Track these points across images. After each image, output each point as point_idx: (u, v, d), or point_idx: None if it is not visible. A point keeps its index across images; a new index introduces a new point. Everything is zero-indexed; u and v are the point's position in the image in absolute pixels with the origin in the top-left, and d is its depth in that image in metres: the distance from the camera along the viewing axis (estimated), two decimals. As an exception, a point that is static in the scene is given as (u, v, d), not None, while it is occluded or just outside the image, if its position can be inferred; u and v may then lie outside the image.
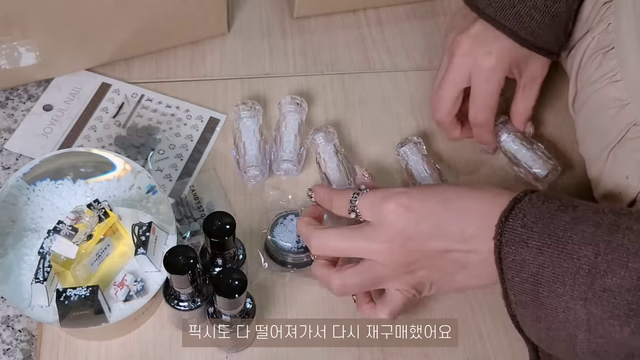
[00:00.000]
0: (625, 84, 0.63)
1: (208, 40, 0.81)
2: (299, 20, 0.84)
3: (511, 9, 0.65)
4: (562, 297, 0.48)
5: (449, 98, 0.69)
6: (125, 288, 0.58)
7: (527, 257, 0.50)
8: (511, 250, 0.50)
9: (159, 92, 0.76)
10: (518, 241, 0.50)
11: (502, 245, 0.51)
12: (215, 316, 0.57)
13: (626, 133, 0.62)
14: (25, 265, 0.59)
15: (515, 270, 0.50)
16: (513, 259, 0.50)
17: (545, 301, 0.49)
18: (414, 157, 0.70)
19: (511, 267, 0.50)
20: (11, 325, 0.62)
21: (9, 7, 0.66)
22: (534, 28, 0.66)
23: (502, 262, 0.51)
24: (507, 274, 0.51)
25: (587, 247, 0.48)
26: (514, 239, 0.50)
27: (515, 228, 0.50)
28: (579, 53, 0.69)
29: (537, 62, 0.69)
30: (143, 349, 0.61)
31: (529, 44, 0.66)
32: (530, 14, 0.65)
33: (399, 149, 0.71)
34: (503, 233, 0.51)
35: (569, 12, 0.67)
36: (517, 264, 0.50)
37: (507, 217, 0.51)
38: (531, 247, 0.49)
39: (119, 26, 0.73)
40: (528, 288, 0.50)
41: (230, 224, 0.56)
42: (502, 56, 0.67)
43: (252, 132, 0.70)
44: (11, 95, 0.75)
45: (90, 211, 0.58)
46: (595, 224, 0.49)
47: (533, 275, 0.49)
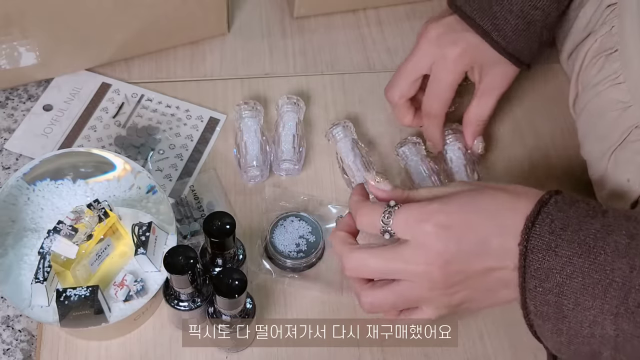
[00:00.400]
0: (628, 86, 0.63)
1: (208, 40, 0.81)
2: (299, 20, 0.84)
3: (488, 9, 0.65)
4: (589, 310, 0.46)
5: (406, 80, 0.69)
6: (125, 288, 0.58)
7: (554, 266, 0.47)
8: (537, 258, 0.48)
9: (159, 92, 0.76)
10: (545, 249, 0.48)
11: (528, 252, 0.48)
12: (215, 316, 0.57)
13: (628, 135, 0.62)
14: (25, 265, 0.59)
15: (539, 280, 0.48)
16: (538, 267, 0.48)
17: (569, 314, 0.47)
18: (413, 158, 0.70)
19: (535, 275, 0.48)
20: (11, 325, 0.62)
21: (9, 7, 0.66)
22: (507, 32, 0.65)
23: (526, 270, 0.49)
24: (530, 282, 0.49)
25: (621, 260, 0.46)
26: (541, 246, 0.48)
27: (543, 235, 0.48)
28: (580, 55, 0.69)
29: (500, 72, 0.68)
30: (143, 349, 0.61)
31: (500, 48, 0.66)
32: (506, 18, 0.65)
33: (398, 149, 0.72)
34: (529, 239, 0.48)
35: (544, 20, 0.66)
36: (543, 273, 0.48)
37: (533, 223, 0.49)
38: (560, 256, 0.47)
39: (119, 26, 0.73)
40: (551, 299, 0.48)
41: (230, 224, 0.56)
42: (468, 50, 0.66)
43: (253, 132, 0.70)
44: (11, 95, 0.75)
45: (90, 211, 0.58)
46: (629, 235, 0.47)
47: (558, 286, 0.47)
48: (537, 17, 0.65)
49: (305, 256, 0.64)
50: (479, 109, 0.70)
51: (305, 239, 0.65)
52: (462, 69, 0.67)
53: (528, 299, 0.49)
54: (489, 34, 0.65)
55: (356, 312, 0.64)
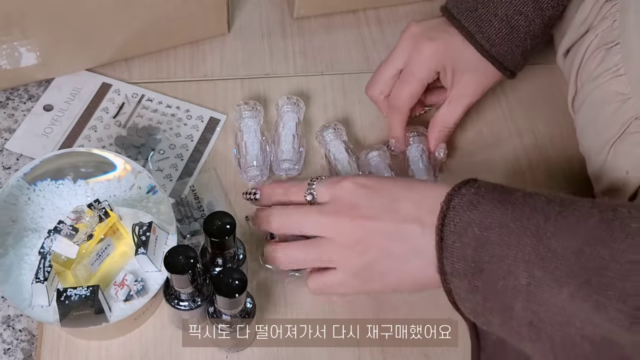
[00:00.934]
0: (628, 78, 0.63)
1: (208, 40, 0.81)
2: (299, 21, 0.84)
3: (474, 12, 0.66)
4: (504, 260, 0.47)
5: (384, 76, 0.70)
6: (126, 288, 0.58)
7: (473, 220, 0.49)
8: (457, 214, 0.50)
9: (159, 92, 0.76)
10: (467, 204, 0.50)
11: (449, 210, 0.50)
12: (216, 316, 0.57)
13: (627, 127, 0.62)
14: (26, 265, 0.59)
15: (457, 235, 0.49)
16: (457, 222, 0.50)
17: (485, 267, 0.48)
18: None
19: (453, 231, 0.50)
20: (12, 325, 0.62)
21: (9, 7, 0.66)
22: (491, 34, 0.66)
23: (444, 227, 0.50)
24: (447, 240, 0.50)
25: (538, 214, 0.48)
26: (462, 203, 0.50)
27: (466, 194, 0.50)
28: (580, 51, 0.69)
29: (473, 80, 0.69)
30: (143, 349, 0.61)
31: (483, 50, 0.67)
32: (490, 21, 0.66)
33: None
34: (452, 199, 0.50)
35: (527, 27, 0.67)
36: (461, 228, 0.49)
37: (460, 188, 0.51)
38: (480, 211, 0.49)
39: (119, 27, 0.73)
40: (468, 254, 0.49)
41: (231, 224, 0.56)
42: (444, 49, 0.67)
43: (253, 132, 0.70)
44: (12, 95, 0.75)
45: (91, 211, 0.58)
46: (547, 200, 0.49)
47: (476, 239, 0.49)
48: (520, 23, 0.66)
49: None
50: (446, 114, 0.70)
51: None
52: (435, 66, 0.67)
53: (445, 258, 0.50)
54: (473, 36, 0.66)
55: (356, 312, 0.64)
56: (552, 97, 0.79)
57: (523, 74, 0.72)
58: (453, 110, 0.70)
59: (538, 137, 0.76)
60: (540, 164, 0.74)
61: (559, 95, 0.78)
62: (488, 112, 0.77)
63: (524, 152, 0.75)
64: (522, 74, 0.75)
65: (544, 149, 0.75)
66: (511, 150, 0.75)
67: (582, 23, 0.69)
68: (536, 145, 0.75)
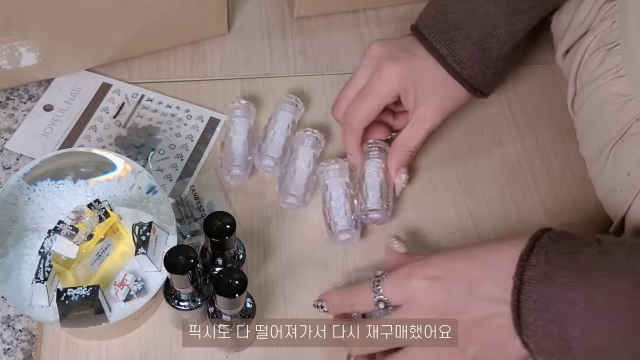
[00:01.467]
0: (629, 79, 0.62)
1: (208, 40, 0.81)
2: (299, 21, 0.84)
3: (446, 33, 0.65)
4: (596, 337, 0.44)
5: (346, 97, 0.68)
6: (126, 288, 0.58)
7: (554, 294, 0.45)
8: (535, 289, 0.46)
9: (159, 92, 0.76)
10: (542, 278, 0.46)
11: (523, 285, 0.46)
12: (216, 316, 0.57)
13: (629, 128, 0.62)
14: (26, 265, 0.59)
15: (539, 312, 0.46)
16: (536, 299, 0.46)
17: (575, 345, 0.45)
18: (334, 181, 0.68)
19: (533, 307, 0.46)
20: (12, 325, 0.62)
21: (9, 8, 0.66)
22: (462, 57, 0.65)
23: (521, 303, 0.46)
24: (528, 317, 0.46)
25: (622, 279, 0.44)
26: (538, 276, 0.46)
27: (539, 265, 0.46)
28: (579, 52, 0.69)
29: (436, 102, 0.67)
30: (143, 349, 0.61)
31: (455, 73, 0.66)
32: (462, 43, 0.65)
33: (326, 167, 0.68)
34: (525, 271, 0.47)
35: (499, 50, 0.66)
36: (542, 304, 0.46)
37: (528, 256, 0.47)
38: (559, 284, 0.45)
39: (119, 26, 0.73)
40: (554, 331, 0.46)
41: (231, 224, 0.56)
42: (407, 71, 0.65)
43: (241, 132, 0.70)
44: (12, 95, 0.75)
45: (91, 211, 0.58)
46: (626, 256, 0.45)
47: (561, 315, 0.45)
48: (492, 45, 0.66)
49: None
50: (407, 137, 0.67)
51: None
52: (397, 87, 0.66)
53: (526, 336, 0.47)
54: (445, 58, 0.65)
55: (356, 312, 0.64)
56: (552, 97, 0.79)
57: (523, 74, 0.72)
58: (415, 133, 0.67)
59: (539, 138, 0.76)
60: (540, 166, 0.74)
61: (558, 95, 0.78)
62: (488, 113, 0.77)
63: (525, 154, 0.75)
64: (523, 74, 0.76)
65: (545, 151, 0.75)
66: (512, 152, 0.75)
67: (580, 24, 0.69)
68: (536, 148, 0.75)
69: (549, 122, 0.77)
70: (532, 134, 0.76)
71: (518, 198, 0.71)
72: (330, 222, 0.66)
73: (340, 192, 0.67)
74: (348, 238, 0.66)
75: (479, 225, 0.69)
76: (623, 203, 0.62)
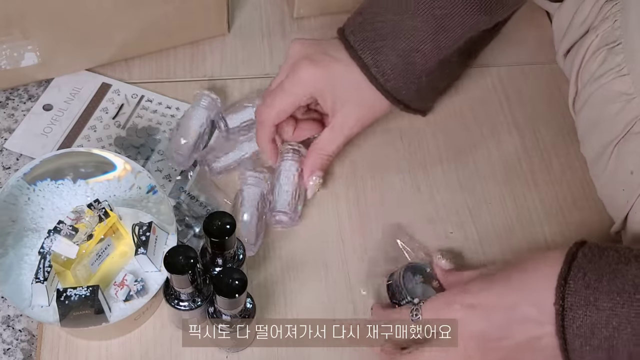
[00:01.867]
0: (632, 78, 0.62)
1: (208, 40, 0.81)
2: (299, 21, 0.84)
3: (372, 42, 0.64)
4: None
5: (265, 96, 0.67)
6: (126, 288, 0.58)
7: (598, 321, 0.45)
8: (578, 315, 0.46)
9: (159, 92, 0.76)
10: (585, 304, 0.45)
11: (566, 311, 0.46)
12: (216, 316, 0.57)
13: (632, 127, 0.62)
14: (26, 265, 0.59)
15: (585, 338, 0.45)
16: (581, 324, 0.45)
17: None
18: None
19: (578, 334, 0.46)
20: (11, 325, 0.62)
21: (9, 8, 0.66)
22: (386, 69, 0.64)
23: (566, 330, 0.46)
24: (574, 342, 0.46)
25: None
26: (579, 302, 0.46)
27: (579, 290, 0.46)
28: (580, 52, 0.69)
29: (356, 110, 0.65)
30: (143, 349, 0.61)
31: (378, 84, 0.64)
32: (387, 54, 0.63)
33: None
34: (565, 297, 0.46)
35: (424, 65, 0.65)
36: (587, 330, 0.45)
37: (566, 280, 0.46)
38: (602, 309, 0.45)
39: (119, 27, 0.73)
40: (602, 356, 0.45)
41: (231, 224, 0.56)
42: (323, 75, 0.64)
43: (197, 121, 0.70)
44: (11, 95, 0.75)
45: (91, 211, 0.58)
46: None
47: (608, 340, 0.45)
48: (417, 60, 0.64)
49: None
50: (325, 141, 0.66)
51: None
52: (311, 90, 0.64)
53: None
54: (369, 68, 0.64)
55: (356, 312, 0.64)
56: (552, 98, 0.78)
57: (523, 73, 0.72)
58: (333, 139, 0.66)
59: (539, 138, 0.76)
60: (540, 166, 0.74)
61: (558, 95, 0.78)
62: (488, 112, 0.77)
63: (525, 153, 0.75)
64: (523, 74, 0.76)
65: (545, 150, 0.75)
66: (512, 151, 0.75)
67: (581, 23, 0.69)
68: (537, 148, 0.75)
69: (549, 122, 0.77)
70: (532, 134, 0.76)
71: (518, 197, 0.71)
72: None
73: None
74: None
75: (479, 225, 0.69)
76: (626, 202, 0.62)
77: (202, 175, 0.70)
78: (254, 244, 0.65)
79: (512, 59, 0.81)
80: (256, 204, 0.66)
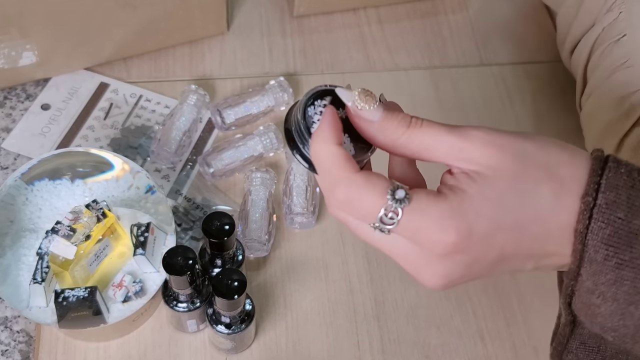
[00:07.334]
0: (637, 71, 0.62)
1: (207, 39, 0.80)
2: (298, 19, 0.83)
3: None
4: None
5: None
6: (124, 289, 0.57)
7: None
8: (617, 194, 0.36)
9: (157, 91, 0.76)
10: (624, 186, 0.36)
11: (601, 188, 0.36)
12: (215, 317, 0.57)
13: (638, 120, 0.61)
14: (24, 265, 0.58)
15: (629, 213, 0.36)
16: (621, 202, 0.36)
17: None
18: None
19: (616, 208, 0.35)
20: (9, 326, 0.62)
21: (7, 7, 0.66)
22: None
23: (598, 202, 0.36)
24: (601, 232, 0.35)
25: None
26: (617, 183, 0.36)
27: (619, 175, 0.36)
28: (586, 46, 0.68)
29: None
30: (142, 350, 0.61)
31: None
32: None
33: None
34: (604, 175, 0.36)
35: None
36: (629, 210, 0.36)
37: (603, 169, 0.37)
38: None
39: (117, 26, 0.73)
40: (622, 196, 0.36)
41: (230, 225, 0.56)
42: None
43: (186, 118, 0.70)
44: (9, 94, 0.75)
45: (89, 211, 0.58)
46: None
47: None
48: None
49: None
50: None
51: None
52: None
53: (589, 262, 0.36)
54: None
55: (356, 313, 0.63)
56: (555, 97, 0.78)
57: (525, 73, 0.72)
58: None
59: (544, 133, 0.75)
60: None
61: (560, 95, 0.78)
62: (490, 112, 0.77)
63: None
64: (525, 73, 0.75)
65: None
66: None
67: (587, 16, 0.69)
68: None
69: (551, 120, 0.77)
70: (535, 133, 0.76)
71: (519, 198, 0.71)
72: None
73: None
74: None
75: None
76: None
77: (200, 178, 0.69)
78: (266, 244, 0.64)
79: (514, 58, 0.81)
80: (265, 204, 0.66)
